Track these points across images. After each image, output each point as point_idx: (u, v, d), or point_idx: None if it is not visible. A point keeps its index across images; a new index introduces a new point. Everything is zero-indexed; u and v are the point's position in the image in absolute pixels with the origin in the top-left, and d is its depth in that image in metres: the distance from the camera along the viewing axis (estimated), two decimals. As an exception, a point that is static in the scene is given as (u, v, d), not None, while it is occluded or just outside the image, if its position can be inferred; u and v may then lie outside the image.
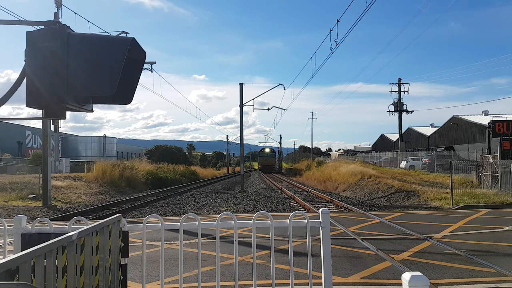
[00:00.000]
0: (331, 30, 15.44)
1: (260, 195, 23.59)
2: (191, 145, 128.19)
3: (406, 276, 2.66)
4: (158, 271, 3.51)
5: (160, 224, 3.50)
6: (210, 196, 23.86)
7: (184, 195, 25.15)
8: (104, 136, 65.27)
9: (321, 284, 3.65)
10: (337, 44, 15.51)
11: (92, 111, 2.80)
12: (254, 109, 32.50)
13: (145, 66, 24.34)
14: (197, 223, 3.50)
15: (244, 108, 30.33)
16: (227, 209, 17.13)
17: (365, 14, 13.05)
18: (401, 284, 2.77)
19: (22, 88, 2.38)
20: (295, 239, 5.93)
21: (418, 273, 2.69)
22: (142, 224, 3.45)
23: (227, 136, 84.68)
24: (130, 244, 3.42)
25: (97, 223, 2.78)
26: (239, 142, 31.04)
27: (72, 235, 2.29)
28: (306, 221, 3.56)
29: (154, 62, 26.03)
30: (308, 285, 3.61)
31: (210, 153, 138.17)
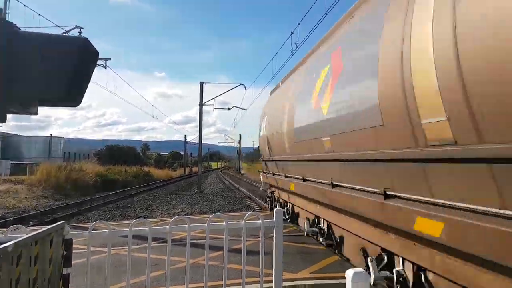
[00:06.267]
0: (292, 33, 15.90)
1: (217, 195, 23.49)
2: (145, 145, 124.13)
3: (349, 273, 2.81)
4: (104, 279, 3.39)
5: (107, 230, 3.38)
6: (164, 197, 23.30)
7: (135, 197, 24.33)
8: (51, 136, 61.02)
9: (272, 281, 3.74)
10: (297, 46, 16.05)
11: (36, 113, 2.66)
12: (214, 108, 32.01)
13: (99, 62, 23.18)
14: (147, 228, 3.43)
15: (205, 108, 29.98)
16: (181, 211, 16.86)
17: (325, 17, 13.52)
18: (345, 279, 2.93)
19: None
20: (250, 238, 6.00)
21: (360, 269, 2.86)
22: (87, 232, 3.31)
23: (185, 135, 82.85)
24: (74, 251, 3.26)
25: (37, 231, 2.62)
26: (198, 141, 30.71)
27: (8, 246, 2.14)
28: (260, 221, 3.64)
29: (109, 58, 24.78)
30: (259, 283, 3.69)
31: (167, 153, 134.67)
